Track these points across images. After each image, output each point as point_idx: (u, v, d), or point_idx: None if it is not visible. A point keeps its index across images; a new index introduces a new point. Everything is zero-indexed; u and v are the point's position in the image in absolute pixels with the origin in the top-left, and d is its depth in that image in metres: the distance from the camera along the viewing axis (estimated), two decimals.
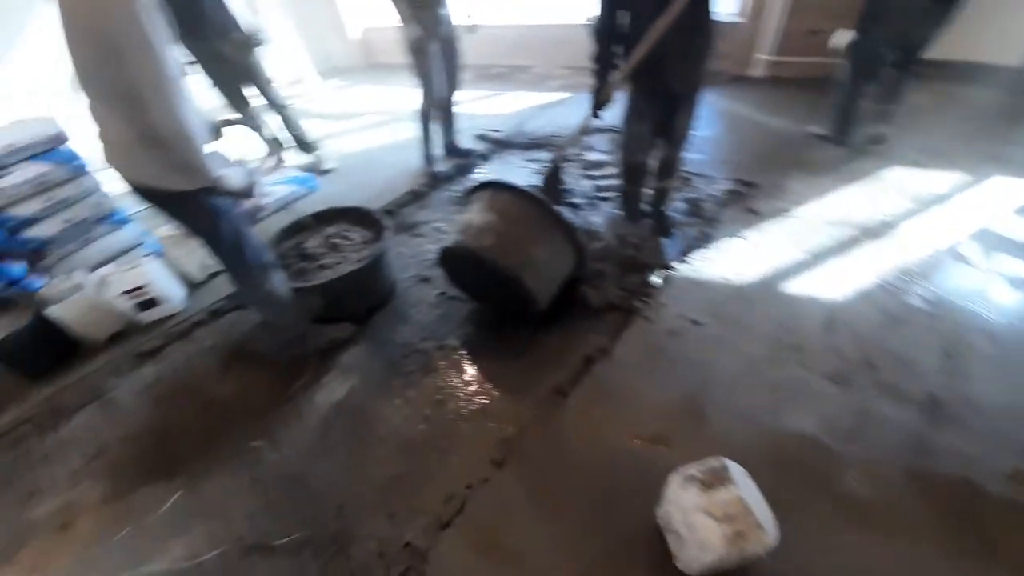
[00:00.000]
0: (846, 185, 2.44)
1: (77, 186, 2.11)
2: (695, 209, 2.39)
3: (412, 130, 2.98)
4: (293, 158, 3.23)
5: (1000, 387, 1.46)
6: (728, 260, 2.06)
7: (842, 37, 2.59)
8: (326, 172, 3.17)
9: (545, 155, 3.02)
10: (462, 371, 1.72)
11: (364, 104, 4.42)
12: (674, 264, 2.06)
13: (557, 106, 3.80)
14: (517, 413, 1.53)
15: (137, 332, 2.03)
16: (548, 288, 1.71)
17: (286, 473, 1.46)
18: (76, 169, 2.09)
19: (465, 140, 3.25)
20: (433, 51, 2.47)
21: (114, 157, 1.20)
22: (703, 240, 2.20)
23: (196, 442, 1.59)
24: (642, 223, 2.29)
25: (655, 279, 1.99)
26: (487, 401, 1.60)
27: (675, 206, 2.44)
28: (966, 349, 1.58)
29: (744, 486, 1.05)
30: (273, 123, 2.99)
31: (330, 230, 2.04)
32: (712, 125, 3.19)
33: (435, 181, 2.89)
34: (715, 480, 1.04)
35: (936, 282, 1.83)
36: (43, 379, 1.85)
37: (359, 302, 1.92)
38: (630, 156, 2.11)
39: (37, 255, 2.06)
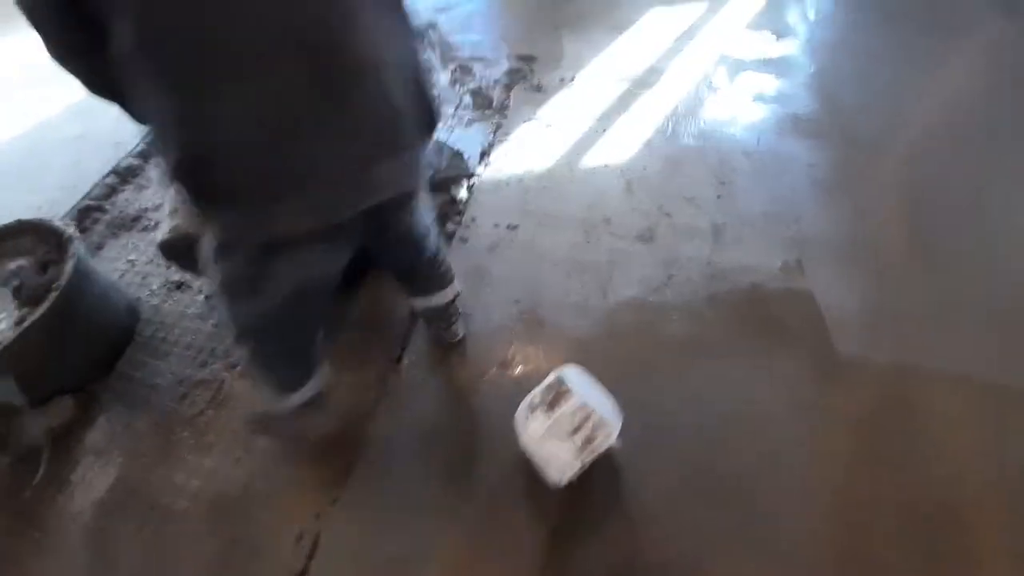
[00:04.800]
0: (614, 37, 2.41)
1: None
2: (483, 100, 2.16)
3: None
4: None
5: (761, 198, 1.67)
6: (526, 149, 1.93)
7: None
8: None
9: None
10: None
11: None
12: (476, 171, 1.87)
13: None
14: (351, 402, 1.30)
15: None
16: None
17: None
18: None
19: None
20: None
21: None
22: (498, 132, 2.02)
23: None
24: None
25: (461, 193, 1.79)
26: None
27: (463, 102, 2.18)
28: (731, 172, 1.75)
29: (582, 387, 1.02)
30: None
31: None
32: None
33: (151, 148, 2.10)
34: (555, 398, 0.99)
35: (699, 116, 1.97)
36: None
37: (76, 359, 1.34)
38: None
39: None
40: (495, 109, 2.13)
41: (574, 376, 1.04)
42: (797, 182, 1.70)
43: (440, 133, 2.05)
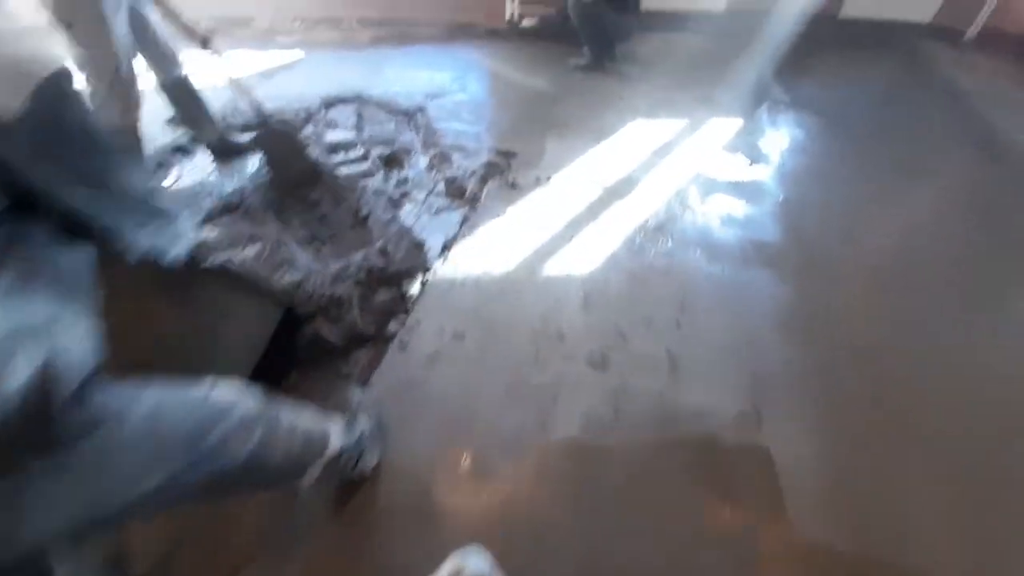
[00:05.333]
0: (595, 144, 2.47)
1: None
2: (456, 190, 2.14)
3: None
4: None
5: (721, 330, 1.59)
6: (490, 247, 1.87)
7: None
8: None
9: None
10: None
11: None
12: (434, 265, 1.79)
13: (289, 70, 3.07)
14: (237, 547, 1.10)
15: None
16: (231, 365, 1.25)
17: None
18: None
19: (157, 127, 2.36)
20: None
21: None
22: (465, 225, 1.97)
23: None
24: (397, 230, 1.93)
25: (412, 288, 1.69)
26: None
27: (436, 189, 2.16)
28: (694, 298, 1.70)
29: None
30: None
31: None
32: (472, 87, 2.96)
33: None
34: None
35: (667, 234, 1.95)
36: None
37: None
38: None
39: None
40: (467, 200, 2.11)
41: (474, 565, 0.87)
42: (759, 317, 1.64)
43: (407, 218, 2.01)
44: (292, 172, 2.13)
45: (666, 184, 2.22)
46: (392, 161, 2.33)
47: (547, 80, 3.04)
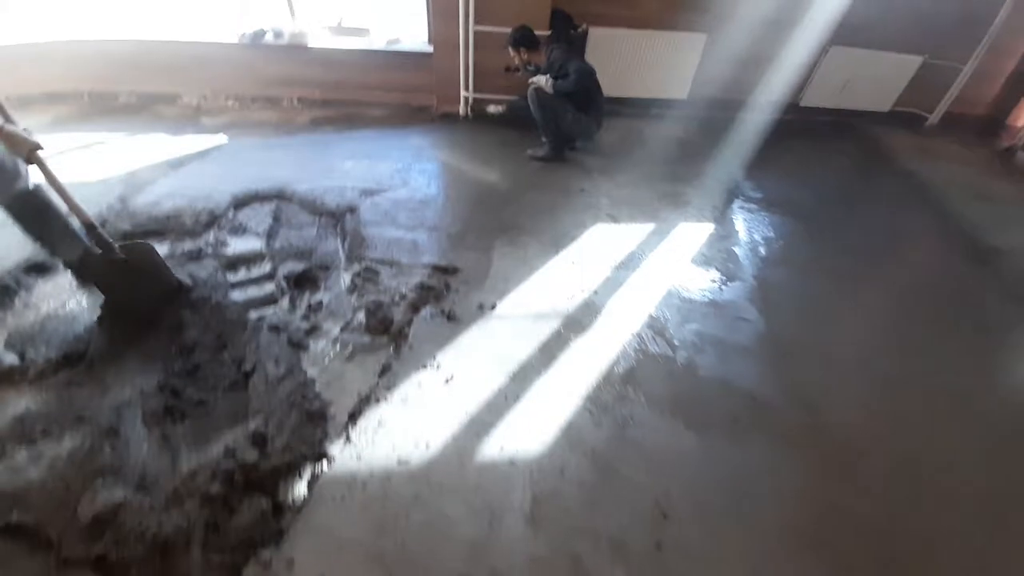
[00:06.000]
0: (551, 256, 2.14)
1: None
2: (379, 323, 1.72)
3: None
4: None
5: (715, 543, 1.18)
6: (409, 418, 1.43)
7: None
8: None
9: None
10: None
11: None
12: (330, 450, 1.33)
13: (202, 159, 2.68)
14: None
15: None
16: None
17: None
18: None
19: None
20: None
21: None
22: (383, 378, 1.54)
23: None
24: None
25: (296, 491, 1.22)
26: None
27: (355, 320, 1.74)
28: (677, 491, 1.28)
29: None
30: None
31: None
32: (415, 181, 2.63)
33: None
34: None
35: (639, 384, 1.57)
36: None
37: None
38: None
39: None
40: (391, 337, 1.69)
41: None
42: (767, 522, 1.24)
43: (310, 364, 1.57)
44: (146, 299, 1.68)
45: (634, 310, 1.87)
46: (304, 281, 1.91)
47: (501, 173, 2.76)
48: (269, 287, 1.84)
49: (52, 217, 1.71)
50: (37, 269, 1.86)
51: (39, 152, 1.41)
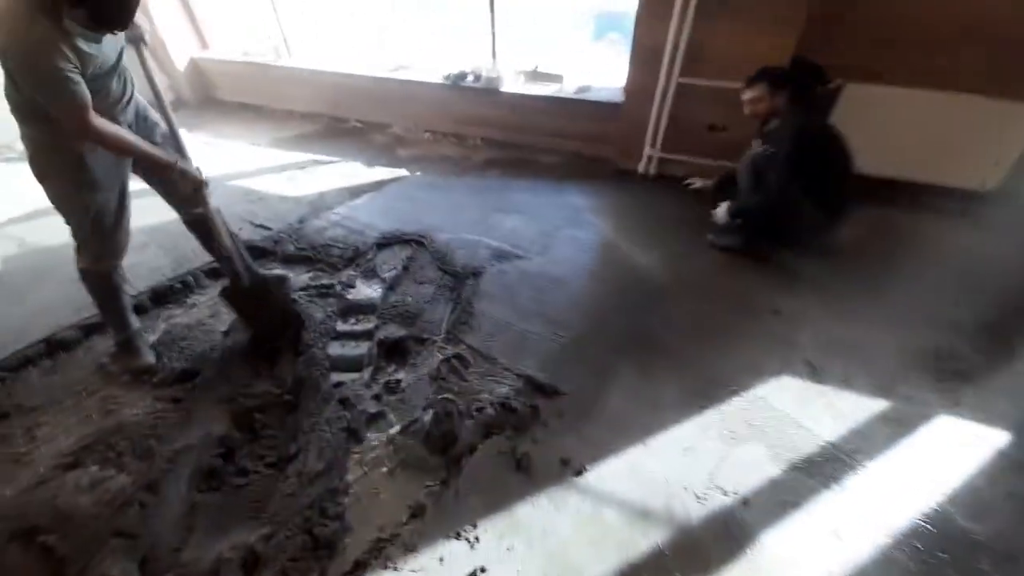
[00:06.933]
0: (693, 411, 1.50)
1: None
2: (440, 440, 1.42)
3: None
4: None
5: None
6: None
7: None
8: None
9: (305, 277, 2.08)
10: None
11: None
12: None
13: (375, 193, 2.84)
14: None
15: None
16: None
17: None
18: None
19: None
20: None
21: None
22: (407, 530, 1.22)
23: None
24: None
25: None
26: None
27: (420, 421, 1.48)
28: None
29: None
30: None
31: None
32: (556, 252, 2.27)
33: None
34: None
35: None
36: None
37: None
38: None
39: None
40: (446, 462, 1.38)
41: None
42: None
43: (352, 468, 1.38)
44: (264, 327, 1.77)
45: (813, 560, 1.13)
46: (395, 352, 1.76)
47: (663, 258, 2.18)
48: (363, 348, 1.74)
49: (221, 239, 1.91)
50: (215, 275, 2.15)
51: (205, 190, 1.56)
